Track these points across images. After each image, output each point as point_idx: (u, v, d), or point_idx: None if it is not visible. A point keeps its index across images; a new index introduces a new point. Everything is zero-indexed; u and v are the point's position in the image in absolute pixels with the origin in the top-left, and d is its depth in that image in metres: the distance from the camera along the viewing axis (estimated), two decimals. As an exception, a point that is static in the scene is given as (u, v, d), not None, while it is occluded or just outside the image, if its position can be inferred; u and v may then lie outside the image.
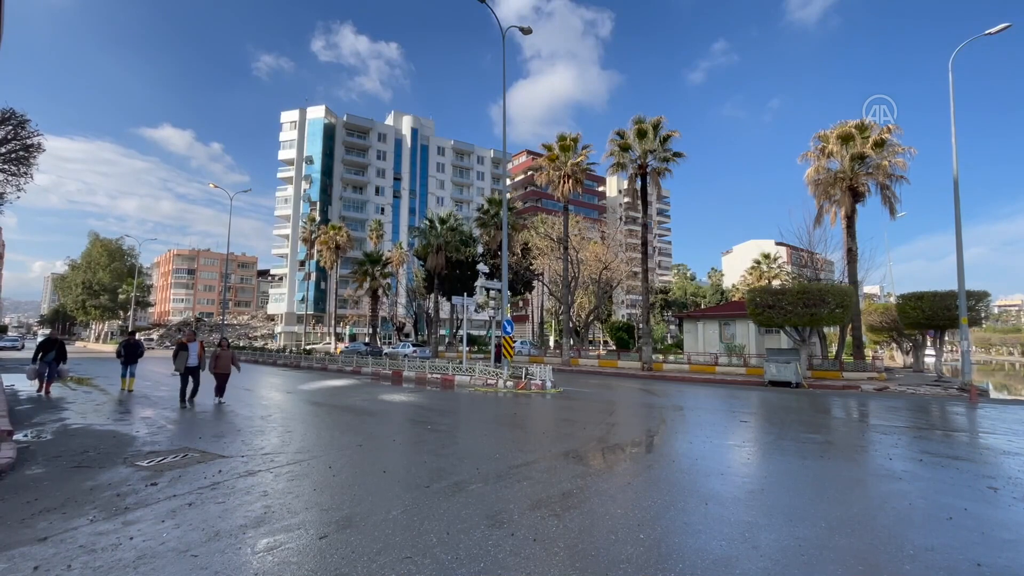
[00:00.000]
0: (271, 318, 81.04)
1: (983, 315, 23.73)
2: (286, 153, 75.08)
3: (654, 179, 27.42)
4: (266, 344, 62.16)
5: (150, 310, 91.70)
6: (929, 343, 25.84)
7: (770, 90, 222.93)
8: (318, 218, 64.86)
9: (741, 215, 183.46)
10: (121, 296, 67.85)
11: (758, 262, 49.77)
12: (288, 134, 75.51)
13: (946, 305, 19.92)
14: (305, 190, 73.15)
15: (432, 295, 44.08)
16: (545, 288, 46.42)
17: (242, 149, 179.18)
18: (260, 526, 4.17)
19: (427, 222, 43.50)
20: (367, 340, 50.72)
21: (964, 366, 17.62)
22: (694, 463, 6.85)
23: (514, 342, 46.54)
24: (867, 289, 45.31)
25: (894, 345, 36.38)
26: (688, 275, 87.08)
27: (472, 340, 49.00)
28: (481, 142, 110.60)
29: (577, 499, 5.01)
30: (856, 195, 24.04)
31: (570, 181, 31.09)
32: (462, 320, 23.09)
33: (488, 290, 22.30)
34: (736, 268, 77.37)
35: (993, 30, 17.10)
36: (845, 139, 24.02)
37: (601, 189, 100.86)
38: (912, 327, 23.64)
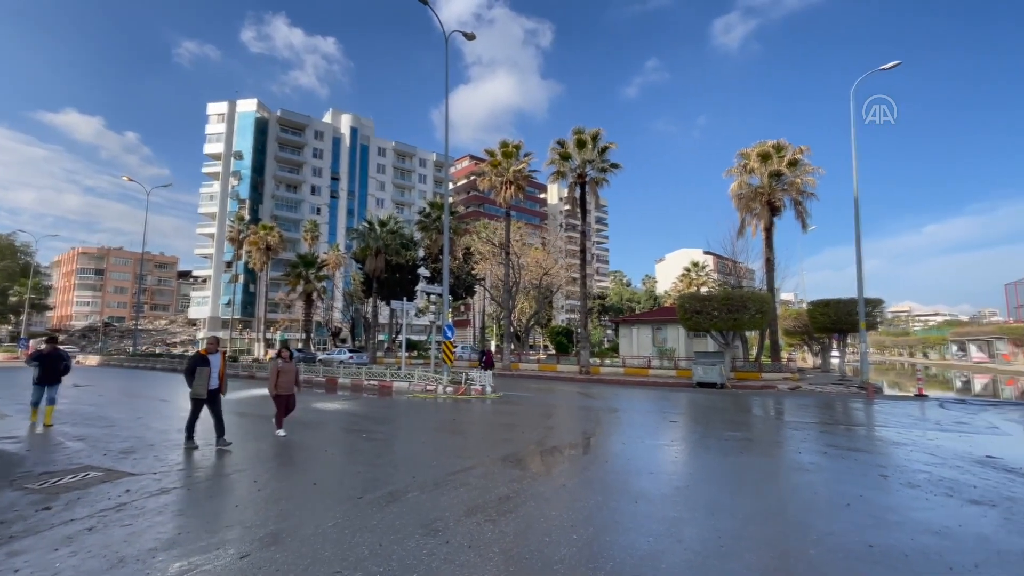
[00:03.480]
0: (193, 323, 75.41)
1: (879, 320, 26.47)
2: (213, 147, 70.42)
3: (592, 188, 28.29)
4: (187, 351, 57.76)
5: (48, 314, 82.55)
6: (835, 345, 28.43)
7: (698, 108, 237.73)
8: (248, 217, 61.24)
9: (673, 225, 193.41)
10: (12, 298, 60.60)
11: (688, 270, 52.56)
12: (215, 127, 70.90)
13: (848, 311, 22.02)
14: (234, 187, 68.88)
15: (370, 299, 42.89)
16: (487, 293, 46.52)
17: (161, 140, 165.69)
18: (172, 548, 3.87)
19: (366, 224, 42.37)
20: (300, 346, 48.46)
21: (863, 366, 19.56)
22: (627, 463, 7.11)
23: (455, 347, 46.15)
24: (783, 296, 49.09)
25: (806, 347, 39.67)
26: (624, 281, 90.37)
27: (412, 345, 48.09)
28: (423, 145, 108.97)
29: (513, 503, 5.05)
30: (774, 209, 26.09)
31: (512, 187, 31.44)
32: (401, 325, 22.70)
33: (429, 295, 22.06)
34: (668, 275, 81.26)
35: (886, 66, 19.23)
36: (764, 157, 26.01)
37: (543, 196, 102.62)
38: (820, 331, 25.93)
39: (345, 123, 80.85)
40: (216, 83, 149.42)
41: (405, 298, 22.82)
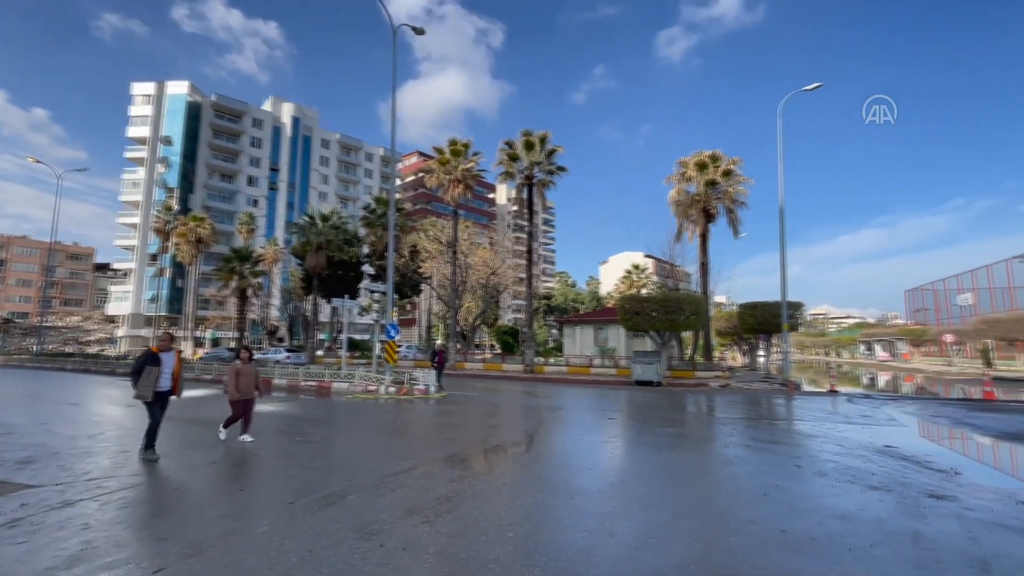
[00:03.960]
0: (111, 320, 69.41)
1: (800, 322, 28.57)
2: (138, 130, 65.17)
3: (539, 190, 28.66)
4: (103, 350, 53.16)
5: (-67, 309, 73.40)
6: (761, 345, 30.38)
7: (642, 116, 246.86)
8: (177, 207, 57.21)
9: (617, 228, 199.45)
10: None
11: (629, 272, 54.37)
12: (141, 109, 65.66)
13: (773, 313, 23.62)
14: (161, 174, 64.07)
15: (311, 297, 41.23)
16: (433, 292, 46.00)
17: (77, 121, 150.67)
18: (74, 566, 3.55)
19: (307, 218, 40.64)
20: (232, 345, 45.83)
21: (785, 365, 21.06)
22: (566, 460, 7.27)
23: (399, 347, 45.31)
24: (717, 298, 51.92)
25: (736, 347, 42.18)
26: (569, 282, 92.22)
27: (355, 345, 46.72)
28: (370, 139, 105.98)
29: (452, 503, 5.04)
30: (709, 216, 27.53)
31: (460, 186, 31.28)
32: (343, 324, 21.96)
33: (373, 293, 21.50)
34: (611, 277, 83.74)
35: (808, 87, 20.81)
36: (701, 166, 27.39)
37: (491, 196, 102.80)
38: (749, 332, 27.65)
39: (287, 112, 77.29)
40: (142, 62, 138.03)
41: (347, 296, 22.08)
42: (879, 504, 5.20)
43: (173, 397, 7.19)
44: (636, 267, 54.38)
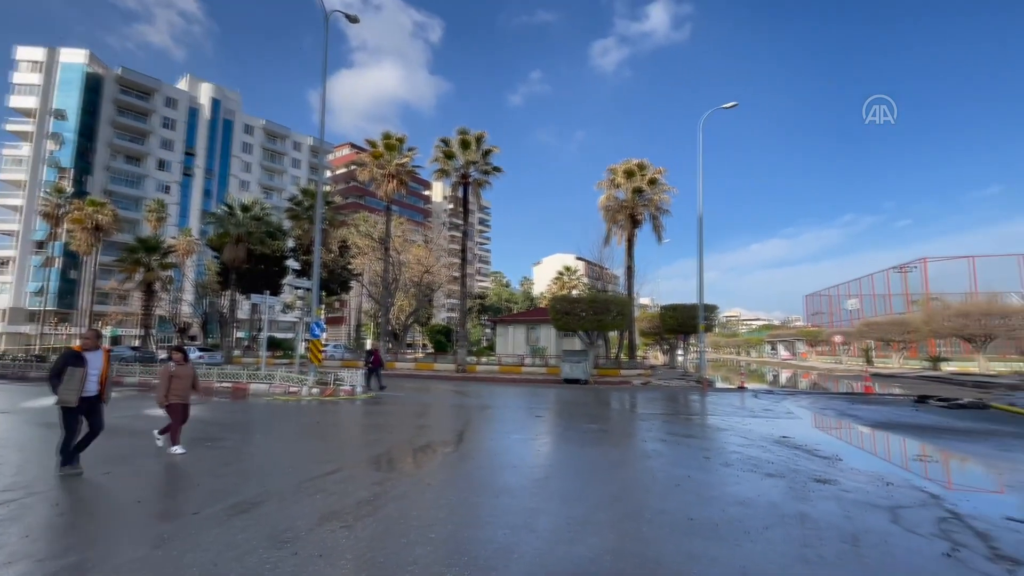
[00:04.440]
0: (-18, 315, 60.83)
1: (714, 323, 30.73)
2: (23, 100, 57.60)
3: (475, 189, 28.66)
4: (-29, 349, 46.40)
5: None
6: (680, 345, 32.30)
7: (576, 122, 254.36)
8: (70, 189, 50.96)
9: (551, 230, 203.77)
10: None
11: (561, 273, 55.77)
12: (27, 76, 58.08)
13: (691, 315, 25.22)
14: (52, 152, 56.99)
15: (228, 292, 38.52)
16: (364, 289, 44.59)
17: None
18: (-75, 596, 3.11)
19: (225, 208, 37.97)
20: (136, 344, 41.77)
21: (701, 363, 22.55)
22: (492, 458, 7.33)
23: (325, 346, 43.47)
24: (642, 300, 54.49)
25: (658, 346, 44.54)
26: (504, 282, 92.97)
27: (276, 344, 44.22)
28: (299, 127, 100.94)
29: (373, 506, 4.93)
30: (635, 222, 28.87)
31: (394, 181, 30.58)
32: (263, 321, 20.70)
33: (298, 289, 20.49)
34: (544, 278, 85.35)
35: (726, 105, 22.44)
36: (629, 174, 28.66)
37: (427, 193, 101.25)
38: (669, 332, 29.35)
39: (205, 93, 71.58)
40: (31, 23, 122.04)
41: (268, 292, 20.84)
42: (773, 490, 5.71)
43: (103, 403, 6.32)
44: (568, 269, 55.86)
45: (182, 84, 71.19)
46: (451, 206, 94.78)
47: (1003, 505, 5.41)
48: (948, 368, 33.23)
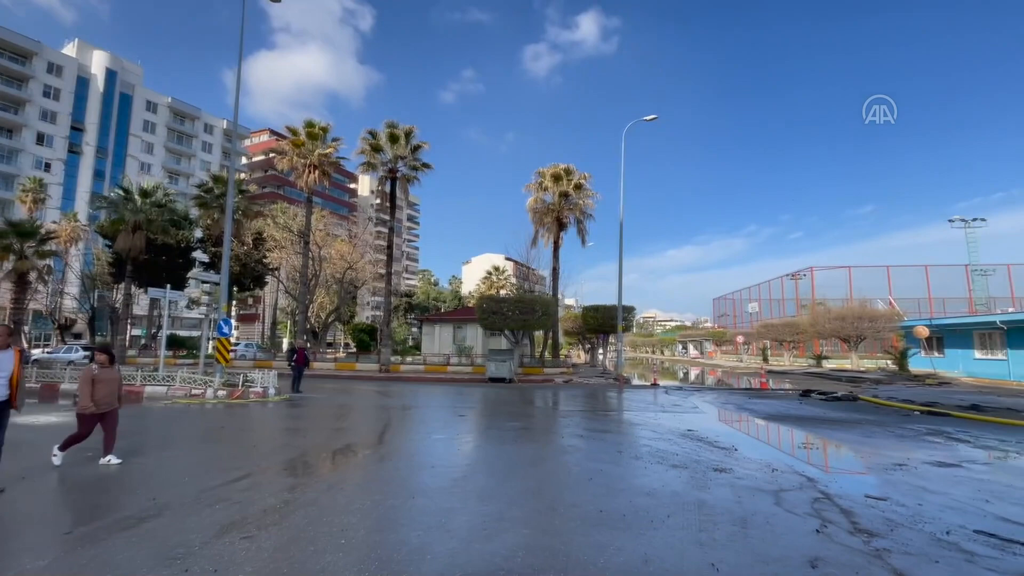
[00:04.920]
0: None
1: (633, 324, 32.36)
2: None
3: (403, 185, 28.04)
4: None
5: None
6: (601, 344, 33.69)
7: (508, 124, 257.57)
8: (-85, 160, 43.60)
9: (481, 230, 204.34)
10: None
11: (489, 273, 56.04)
12: None
13: (611, 316, 26.40)
14: None
15: (123, 285, 34.67)
16: (281, 285, 42.05)
17: None
18: None
19: (121, 191, 34.06)
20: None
21: (619, 362, 23.67)
22: (411, 460, 7.23)
23: (235, 345, 40.56)
24: (567, 301, 56.16)
25: (580, 346, 46.13)
26: (432, 281, 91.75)
27: (180, 343, 40.53)
28: (212, 109, 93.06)
29: (281, 514, 4.68)
30: (561, 225, 29.69)
31: (316, 172, 29.11)
32: (163, 318, 18.80)
33: (205, 283, 18.92)
34: (473, 277, 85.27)
35: (647, 118, 23.75)
36: (556, 178, 29.42)
37: (353, 186, 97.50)
38: (591, 332, 30.50)
39: (98, 62, 63.95)
40: None
41: (171, 286, 18.93)
42: (677, 480, 6.13)
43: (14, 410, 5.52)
44: (497, 269, 56.22)
45: (69, 50, 63.20)
46: (378, 201, 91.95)
47: (865, 485, 6.19)
48: (828, 365, 37.43)
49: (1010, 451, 8.43)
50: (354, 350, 49.03)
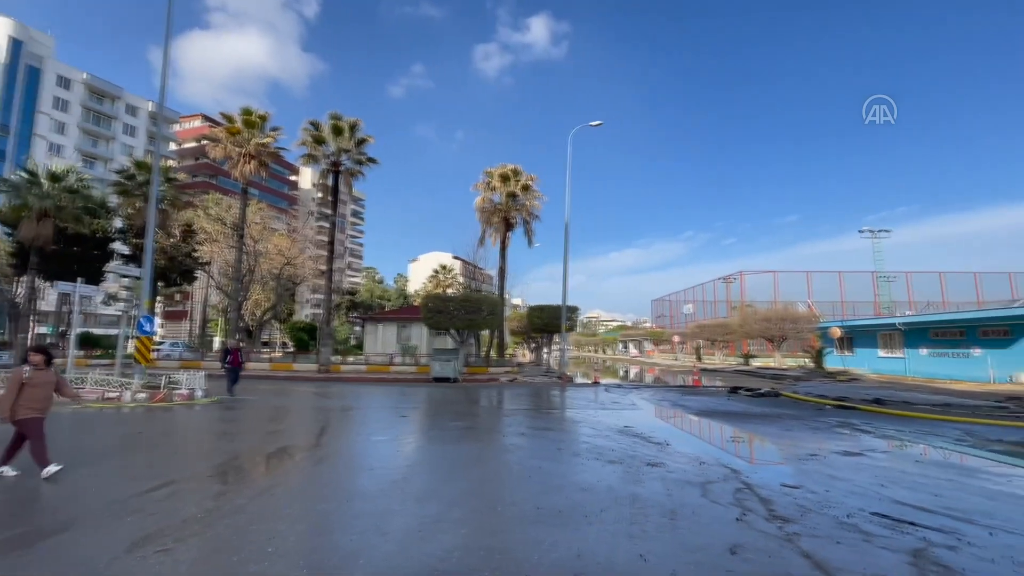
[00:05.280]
0: None
1: (577, 324, 33.12)
2: None
3: (347, 179, 27.21)
4: None
5: None
6: (546, 343, 34.22)
7: (457, 122, 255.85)
8: None
9: (429, 227, 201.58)
10: None
11: (437, 272, 55.43)
12: None
13: (556, 316, 26.87)
14: None
15: (27, 278, 31.33)
16: (213, 281, 39.57)
17: None
18: None
19: (25, 174, 30.75)
20: None
21: (563, 361, 24.14)
22: (348, 462, 7.04)
23: (160, 343, 37.83)
24: (514, 301, 56.57)
25: (526, 345, 46.64)
26: (377, 278, 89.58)
27: (94, 342, 37.19)
28: (137, 89, 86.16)
29: (204, 523, 4.42)
30: (509, 225, 29.90)
31: (253, 162, 27.62)
32: (72, 313, 17.12)
33: (126, 277, 17.49)
34: (420, 275, 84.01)
35: (593, 123, 24.41)
36: (504, 178, 29.59)
37: (294, 179, 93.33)
38: (536, 331, 30.90)
39: (1, 29, 57.49)
40: None
41: (85, 279, 17.25)
42: (613, 475, 6.34)
43: None
44: (444, 267, 55.68)
45: (-39, 13, 56.40)
46: (320, 195, 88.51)
47: (782, 475, 6.67)
48: (756, 363, 39.98)
49: (905, 440, 9.36)
50: (292, 350, 47.03)
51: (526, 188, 29.95)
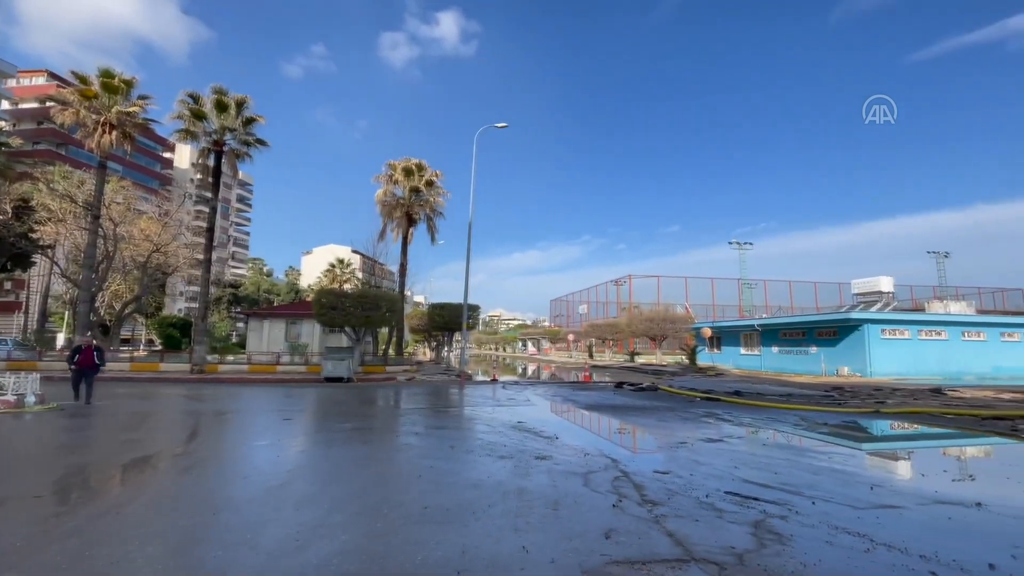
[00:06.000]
0: None
1: (478, 322, 33.40)
2: None
3: (231, 160, 24.79)
4: None
5: None
6: (448, 341, 34.07)
7: (360, 110, 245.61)
8: None
9: (326, 219, 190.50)
10: None
11: (333, 266, 52.58)
12: None
13: (458, 314, 26.90)
14: None
15: None
16: (57, 267, 33.83)
17: None
18: None
19: None
20: None
21: (462, 359, 24.22)
22: (220, 470, 6.45)
23: (-19, 340, 31.67)
24: (417, 298, 55.55)
25: (426, 343, 46.05)
26: (265, 271, 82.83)
27: None
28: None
29: (33, 548, 3.78)
30: (412, 220, 29.28)
31: (114, 133, 24.07)
32: None
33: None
34: (315, 269, 79.07)
35: (498, 125, 24.80)
36: (408, 172, 28.93)
37: (168, 156, 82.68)
38: (437, 329, 30.67)
39: None
40: None
41: None
42: (503, 470, 6.49)
43: None
44: (341, 261, 52.98)
45: None
46: (200, 176, 79.50)
47: (655, 462, 7.30)
48: (640, 360, 43.34)
49: (758, 427, 10.73)
50: (160, 348, 41.82)
51: (430, 184, 29.53)
